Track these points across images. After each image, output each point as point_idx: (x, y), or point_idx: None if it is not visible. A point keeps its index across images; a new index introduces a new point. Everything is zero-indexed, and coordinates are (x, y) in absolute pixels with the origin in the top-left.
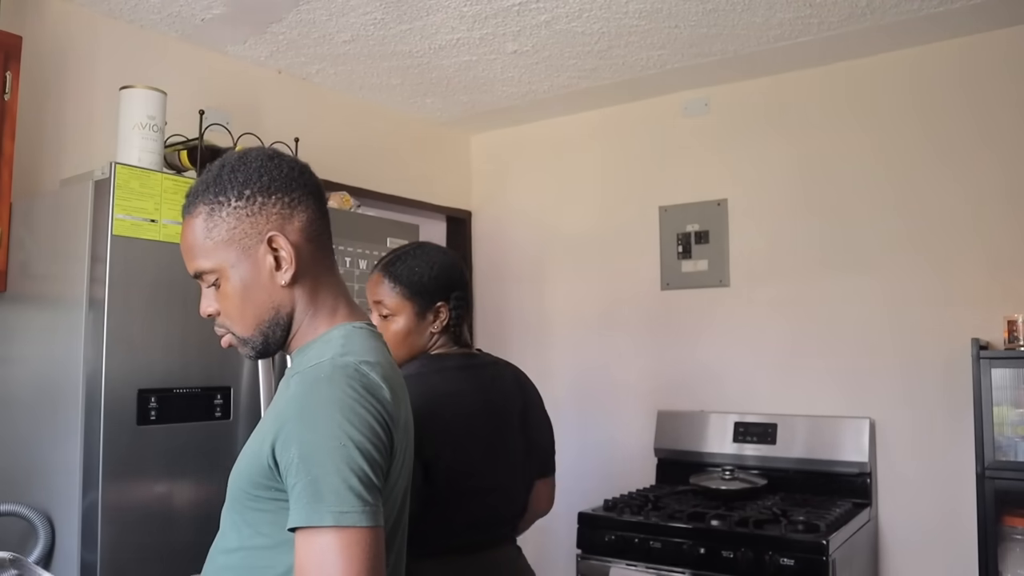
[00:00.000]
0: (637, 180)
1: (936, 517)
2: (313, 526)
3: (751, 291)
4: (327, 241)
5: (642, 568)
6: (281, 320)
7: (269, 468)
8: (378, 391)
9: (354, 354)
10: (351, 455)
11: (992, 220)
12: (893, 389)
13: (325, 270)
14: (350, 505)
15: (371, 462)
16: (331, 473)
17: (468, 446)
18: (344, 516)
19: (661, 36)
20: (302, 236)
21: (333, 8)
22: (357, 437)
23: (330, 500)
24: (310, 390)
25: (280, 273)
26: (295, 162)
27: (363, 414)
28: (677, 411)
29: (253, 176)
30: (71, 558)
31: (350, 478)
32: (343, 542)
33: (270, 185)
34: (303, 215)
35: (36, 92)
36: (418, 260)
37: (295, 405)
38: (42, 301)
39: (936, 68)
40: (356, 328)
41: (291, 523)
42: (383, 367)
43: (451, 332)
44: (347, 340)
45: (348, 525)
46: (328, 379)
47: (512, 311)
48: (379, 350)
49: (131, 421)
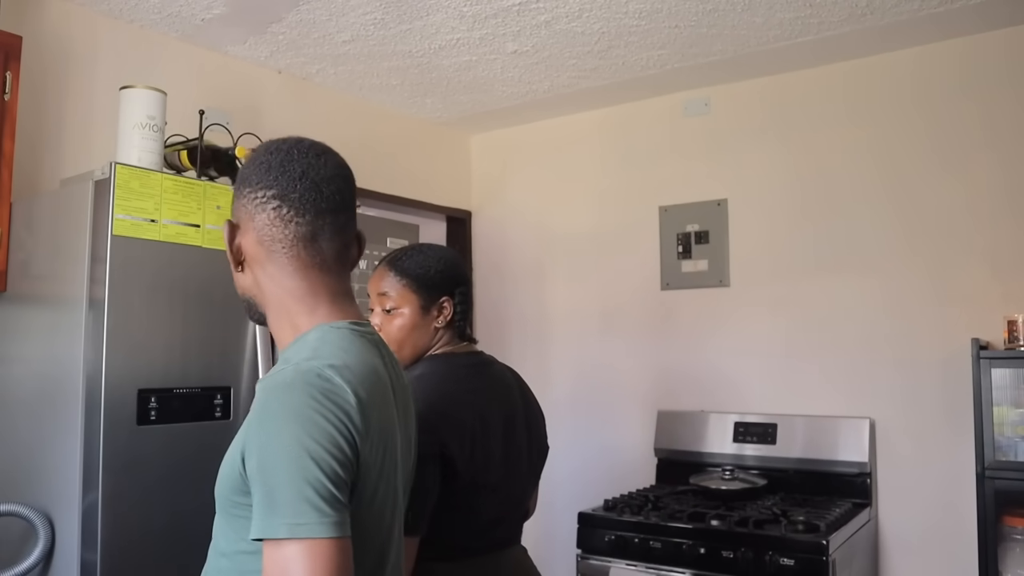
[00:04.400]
0: (637, 180)
1: (936, 517)
2: (268, 538)
3: (751, 291)
4: (309, 241)
5: (642, 568)
6: (248, 301)
7: (241, 476)
8: (341, 397)
9: (322, 358)
10: (306, 466)
11: (992, 220)
12: (893, 389)
13: (299, 270)
14: (305, 517)
15: (329, 472)
16: (285, 484)
17: (483, 446)
18: (299, 528)
19: (661, 36)
20: (260, 234)
21: (333, 8)
22: (312, 447)
23: (285, 512)
24: (269, 398)
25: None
26: (289, 162)
27: (321, 423)
28: (677, 411)
29: (246, 167)
30: (71, 558)
31: (304, 489)
32: (303, 554)
33: (248, 178)
34: (264, 215)
35: (36, 92)
36: (423, 255)
37: (255, 413)
38: (42, 301)
39: (936, 68)
40: (334, 328)
41: (251, 534)
42: (355, 370)
43: (455, 328)
44: (320, 342)
45: (304, 537)
46: (288, 386)
47: (512, 311)
48: (358, 352)
49: (131, 421)
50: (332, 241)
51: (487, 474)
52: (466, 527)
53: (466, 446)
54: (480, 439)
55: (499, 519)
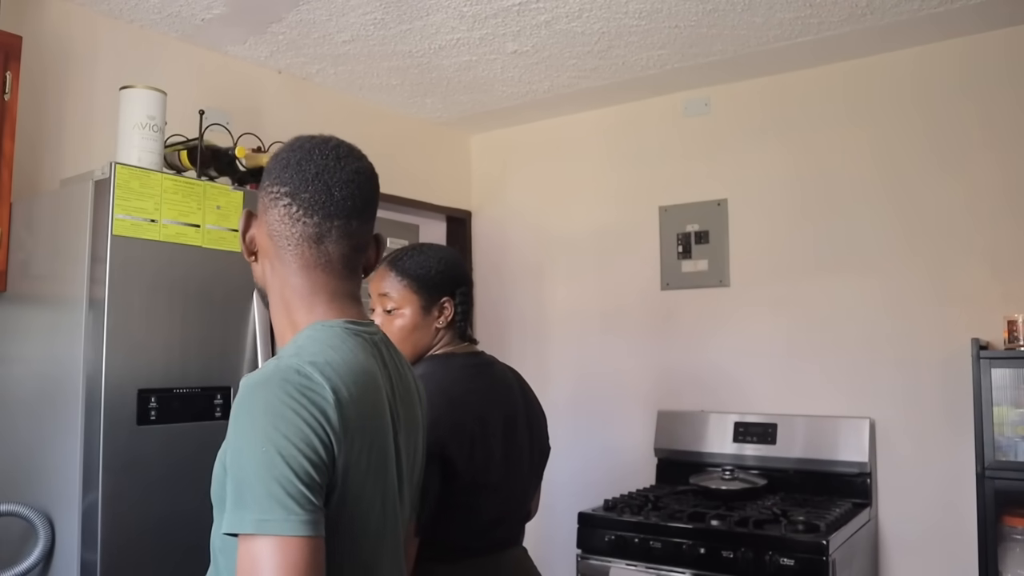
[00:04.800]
0: (637, 180)
1: (936, 517)
2: (238, 533)
3: (751, 291)
4: (314, 242)
5: (642, 568)
6: (261, 290)
7: (226, 473)
8: (317, 394)
9: (305, 354)
10: (274, 462)
11: (992, 220)
12: (893, 389)
13: (302, 268)
14: (272, 513)
15: (298, 470)
16: (252, 480)
17: (483, 446)
18: (265, 524)
19: (661, 36)
20: (270, 228)
21: (333, 8)
22: (282, 444)
23: (252, 507)
24: (245, 395)
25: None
26: (306, 162)
27: (293, 419)
28: (677, 411)
29: (271, 160)
30: (71, 558)
31: (271, 485)
32: (270, 550)
33: (271, 171)
34: (276, 210)
35: (36, 92)
36: (424, 255)
37: (233, 409)
38: (42, 301)
39: (936, 68)
40: (326, 327)
41: (223, 528)
42: (339, 368)
43: (456, 329)
44: (307, 340)
45: (270, 534)
46: (264, 382)
47: (512, 311)
48: (349, 350)
49: (131, 421)
50: (338, 244)
51: (487, 474)
52: (466, 528)
53: (465, 446)
54: (480, 439)
55: (499, 520)
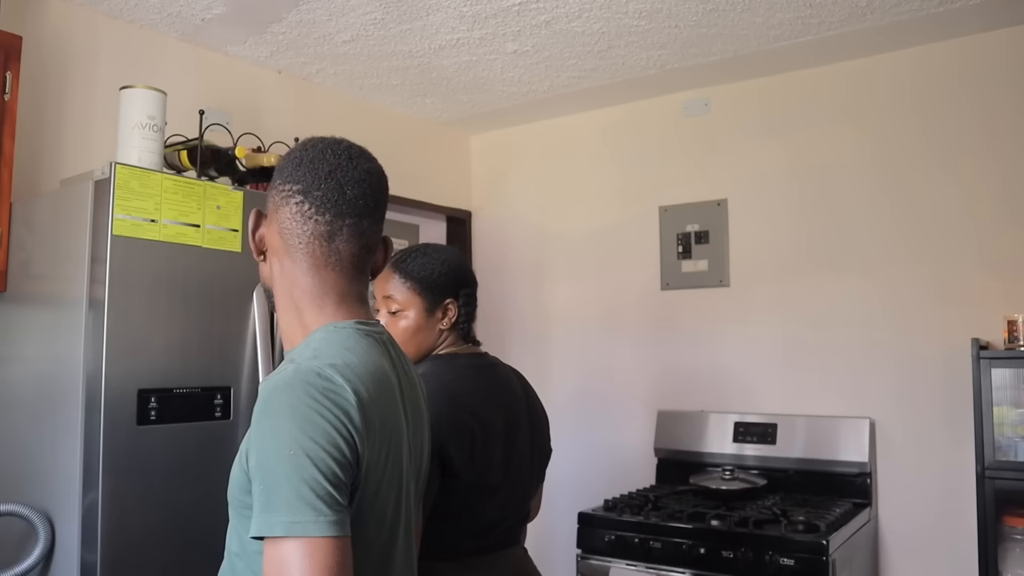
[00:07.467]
0: (637, 180)
1: (936, 517)
2: (266, 536)
3: (751, 291)
4: (325, 240)
5: (642, 568)
6: (268, 290)
7: (247, 477)
8: (340, 396)
9: (323, 357)
10: (302, 464)
11: (992, 220)
12: (893, 389)
13: (313, 268)
14: (301, 515)
15: (326, 472)
16: (281, 483)
17: (485, 447)
18: (295, 526)
19: (661, 36)
20: (281, 227)
21: (333, 8)
22: (309, 446)
23: (281, 510)
24: (269, 398)
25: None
26: (319, 160)
27: (319, 422)
28: (677, 411)
29: (283, 159)
30: (71, 558)
31: (300, 487)
32: (300, 552)
33: (282, 170)
34: (287, 208)
35: (36, 92)
36: (428, 257)
37: (256, 413)
38: (42, 301)
39: (936, 68)
40: (339, 328)
41: (251, 532)
42: (357, 369)
43: (460, 330)
44: (323, 342)
45: (300, 535)
46: (286, 386)
47: (512, 311)
48: (363, 351)
49: (131, 421)
50: (349, 243)
51: (487, 475)
52: (466, 528)
53: (465, 447)
54: (480, 440)
55: (500, 520)
